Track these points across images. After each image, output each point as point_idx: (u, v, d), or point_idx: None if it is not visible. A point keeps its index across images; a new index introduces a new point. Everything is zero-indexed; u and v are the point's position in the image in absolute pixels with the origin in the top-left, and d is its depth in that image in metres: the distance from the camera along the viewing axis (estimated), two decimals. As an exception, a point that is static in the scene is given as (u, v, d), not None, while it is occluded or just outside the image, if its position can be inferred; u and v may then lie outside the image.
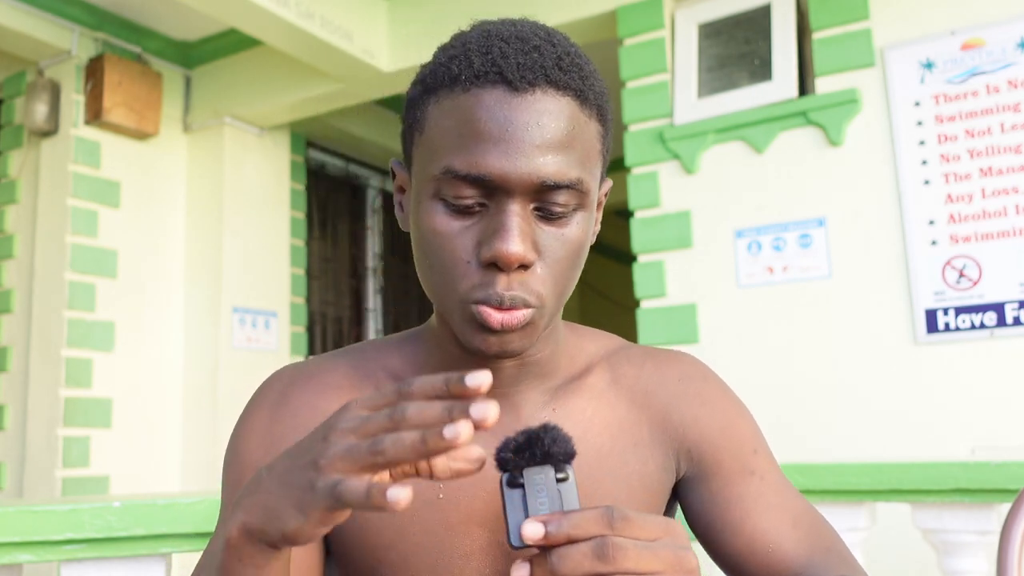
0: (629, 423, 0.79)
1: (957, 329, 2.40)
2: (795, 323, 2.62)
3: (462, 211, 0.67)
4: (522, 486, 0.55)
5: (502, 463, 0.56)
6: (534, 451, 0.55)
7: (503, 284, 0.65)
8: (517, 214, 0.65)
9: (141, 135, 3.74)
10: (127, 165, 3.74)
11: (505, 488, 0.55)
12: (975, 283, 2.40)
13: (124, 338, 3.64)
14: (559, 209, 0.67)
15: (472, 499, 0.72)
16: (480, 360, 0.73)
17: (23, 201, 3.72)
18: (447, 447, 0.48)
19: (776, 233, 2.68)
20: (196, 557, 1.29)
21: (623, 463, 0.76)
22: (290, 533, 0.53)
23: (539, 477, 0.55)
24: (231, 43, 3.85)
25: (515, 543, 0.53)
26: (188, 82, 4.03)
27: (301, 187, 4.37)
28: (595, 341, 0.84)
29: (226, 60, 3.92)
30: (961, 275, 2.42)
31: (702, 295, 2.77)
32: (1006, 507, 1.36)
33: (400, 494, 0.46)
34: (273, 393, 0.79)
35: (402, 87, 3.70)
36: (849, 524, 1.46)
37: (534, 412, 0.76)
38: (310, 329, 4.41)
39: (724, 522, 0.79)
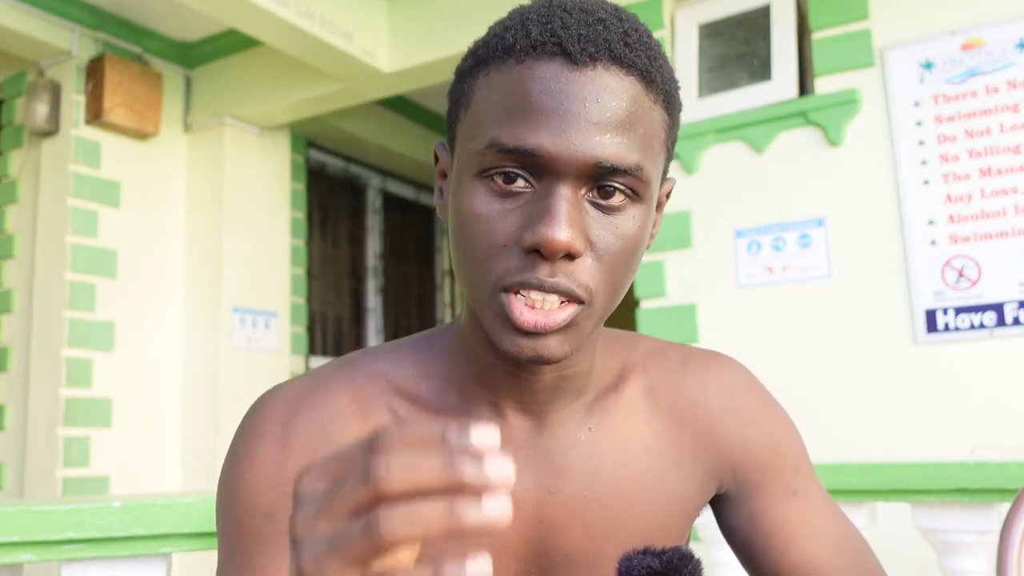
0: (668, 441, 0.73)
1: (957, 329, 2.40)
2: (795, 323, 2.62)
3: (506, 193, 0.59)
4: None
5: None
6: None
7: (545, 270, 0.58)
8: (566, 198, 0.58)
9: (141, 135, 3.74)
10: (127, 165, 3.74)
11: None
12: (974, 283, 2.40)
13: (124, 338, 3.64)
14: (615, 198, 0.59)
15: (504, 530, 0.67)
16: (514, 369, 0.66)
17: (23, 201, 3.72)
18: (486, 523, 0.33)
19: (776, 233, 2.68)
20: (196, 557, 1.29)
21: (661, 485, 0.72)
22: None
23: None
24: (231, 43, 3.85)
25: None
26: (188, 82, 4.03)
27: (301, 187, 4.37)
28: (624, 344, 0.77)
29: (226, 60, 3.92)
30: (960, 275, 2.42)
31: (702, 295, 2.77)
32: (1006, 507, 1.36)
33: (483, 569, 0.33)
34: (274, 424, 0.67)
35: (402, 87, 3.70)
36: (849, 524, 1.46)
37: (570, 433, 0.70)
38: (310, 329, 4.41)
39: (765, 546, 0.76)
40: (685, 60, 2.89)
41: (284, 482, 0.65)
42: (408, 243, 5.24)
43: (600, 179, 0.59)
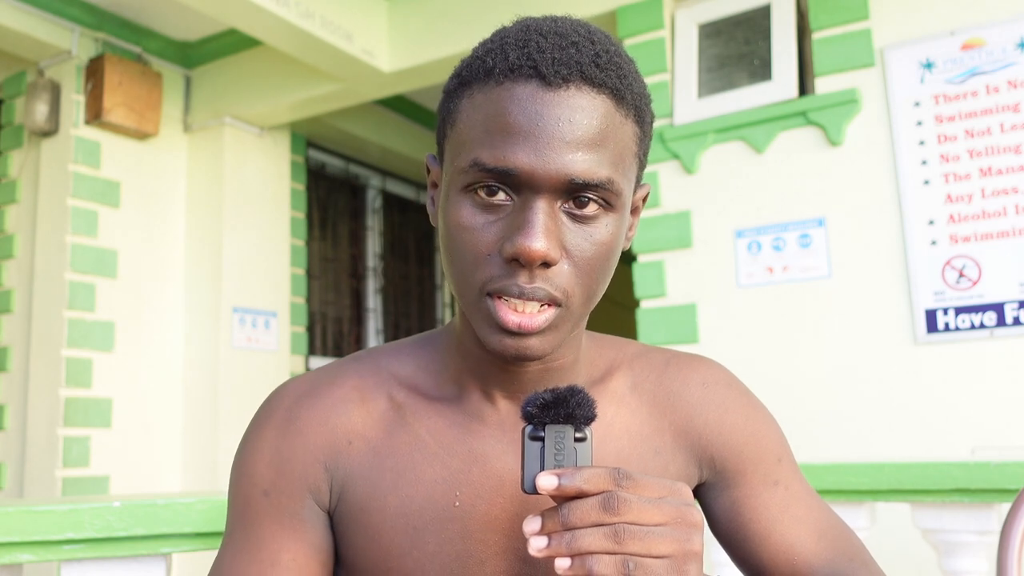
0: (650, 429, 0.78)
1: (957, 329, 2.40)
2: (795, 323, 2.62)
3: (489, 206, 0.65)
4: (542, 440, 0.60)
5: (527, 416, 0.60)
6: (559, 410, 0.60)
7: (524, 277, 0.63)
8: (543, 211, 0.63)
9: (141, 135, 3.74)
10: (127, 165, 3.74)
11: (527, 439, 0.60)
12: (975, 283, 2.40)
13: (124, 338, 3.64)
14: (589, 208, 0.64)
15: (490, 506, 0.71)
16: (502, 364, 0.71)
17: (23, 201, 3.72)
18: None
19: (776, 233, 2.68)
20: (196, 557, 1.29)
21: (642, 469, 0.75)
22: None
23: (559, 434, 0.60)
24: (231, 43, 3.85)
25: (527, 490, 0.59)
26: (188, 82, 4.03)
27: (301, 187, 4.37)
28: (615, 346, 0.82)
29: (226, 60, 3.92)
30: (961, 275, 2.42)
31: (702, 295, 2.77)
32: (1006, 507, 1.36)
33: None
34: (280, 411, 0.76)
35: (402, 87, 3.70)
36: (849, 524, 1.45)
37: None
38: (310, 329, 4.41)
39: (747, 532, 0.79)
40: (685, 60, 2.89)
41: (282, 463, 0.74)
42: (408, 243, 5.23)
43: (574, 192, 0.64)
